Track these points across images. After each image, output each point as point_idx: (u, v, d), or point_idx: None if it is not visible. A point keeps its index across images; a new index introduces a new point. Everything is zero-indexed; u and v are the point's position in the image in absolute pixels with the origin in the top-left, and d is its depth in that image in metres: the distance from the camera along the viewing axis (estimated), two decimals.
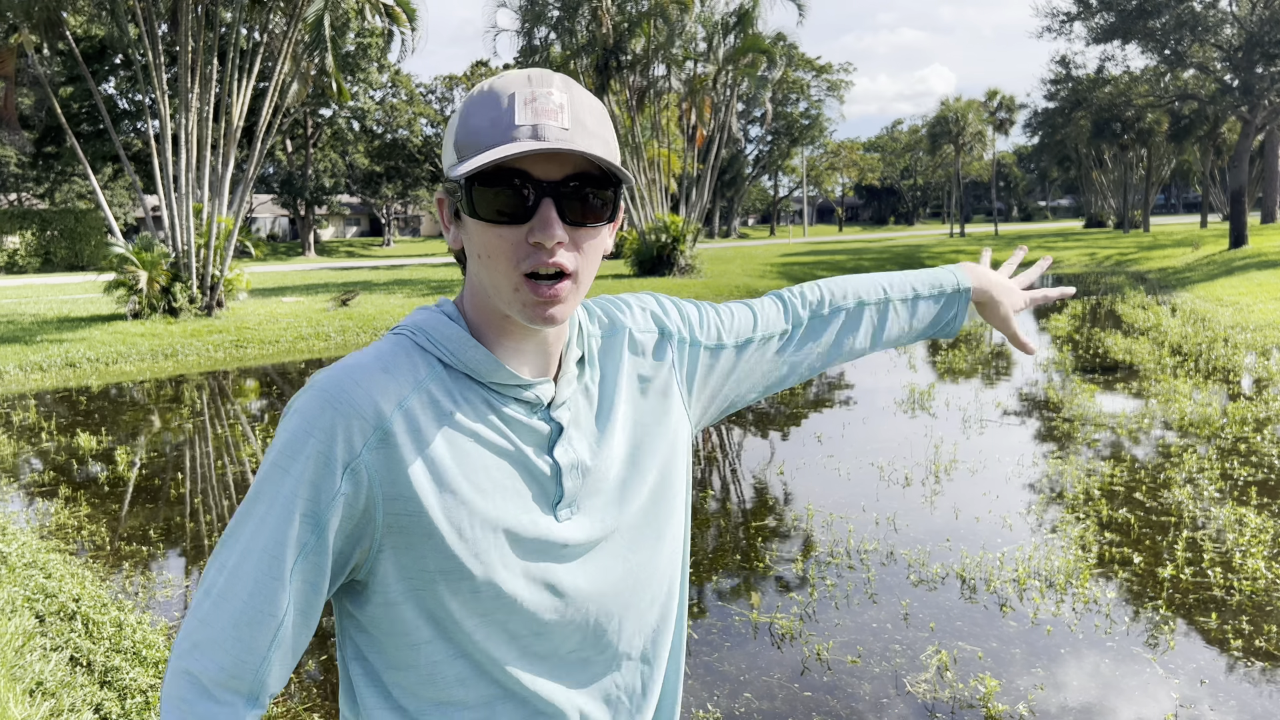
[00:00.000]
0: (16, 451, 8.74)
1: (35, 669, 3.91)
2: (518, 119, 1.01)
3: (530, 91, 1.02)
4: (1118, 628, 4.43)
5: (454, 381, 1.10)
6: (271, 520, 1.03)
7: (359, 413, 1.03)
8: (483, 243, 1.05)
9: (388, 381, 1.05)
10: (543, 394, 1.12)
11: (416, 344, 1.11)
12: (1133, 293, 21.98)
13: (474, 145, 1.02)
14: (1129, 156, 62.34)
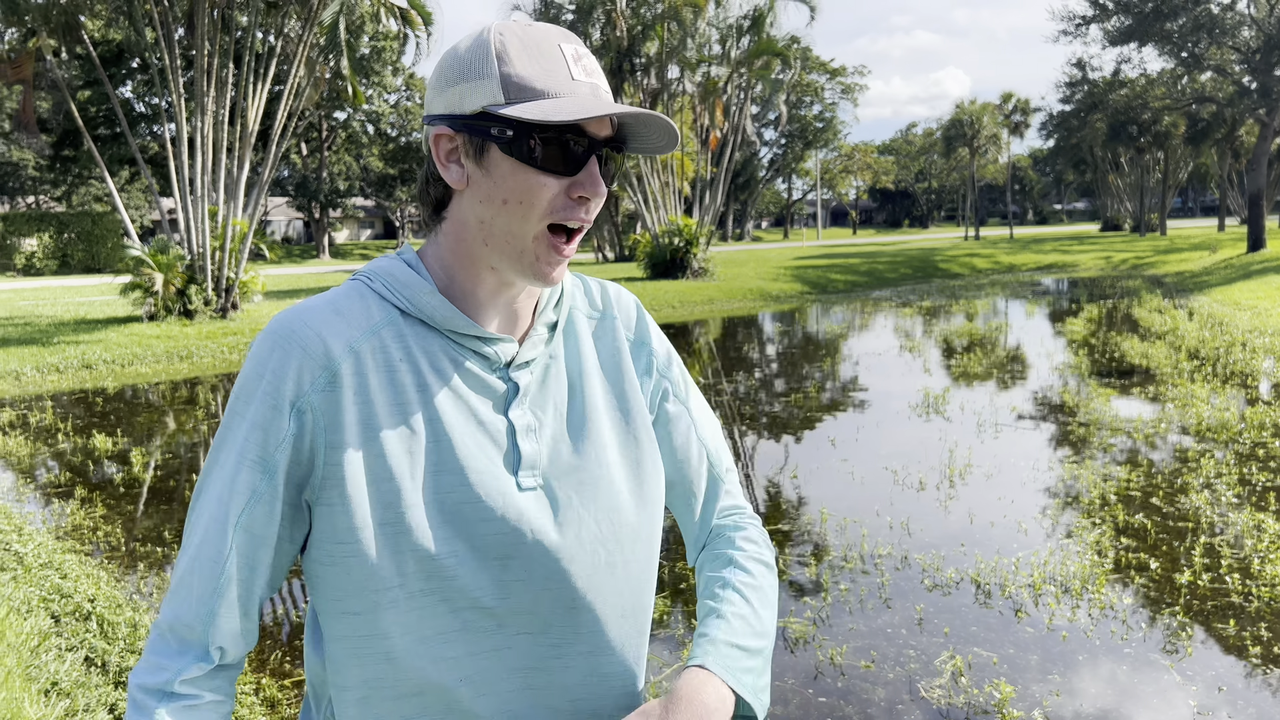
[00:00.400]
0: (33, 452, 8.80)
1: (51, 669, 3.92)
2: (575, 74, 1.02)
3: (574, 49, 1.04)
4: (1134, 634, 4.40)
5: (410, 329, 1.07)
6: (226, 467, 1.03)
7: (308, 352, 1.02)
8: (519, 189, 1.03)
9: (339, 323, 1.04)
10: (503, 351, 1.10)
11: (373, 289, 1.09)
12: (1149, 296, 21.86)
13: (530, 90, 1.01)
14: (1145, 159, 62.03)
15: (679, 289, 24.79)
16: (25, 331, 17.02)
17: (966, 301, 22.91)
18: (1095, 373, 11.64)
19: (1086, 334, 15.46)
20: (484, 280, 1.09)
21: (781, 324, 19.99)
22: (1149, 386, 10.60)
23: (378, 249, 63.51)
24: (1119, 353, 13.19)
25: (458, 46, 1.07)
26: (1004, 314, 20.29)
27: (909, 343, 15.41)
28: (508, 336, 1.11)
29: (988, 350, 14.15)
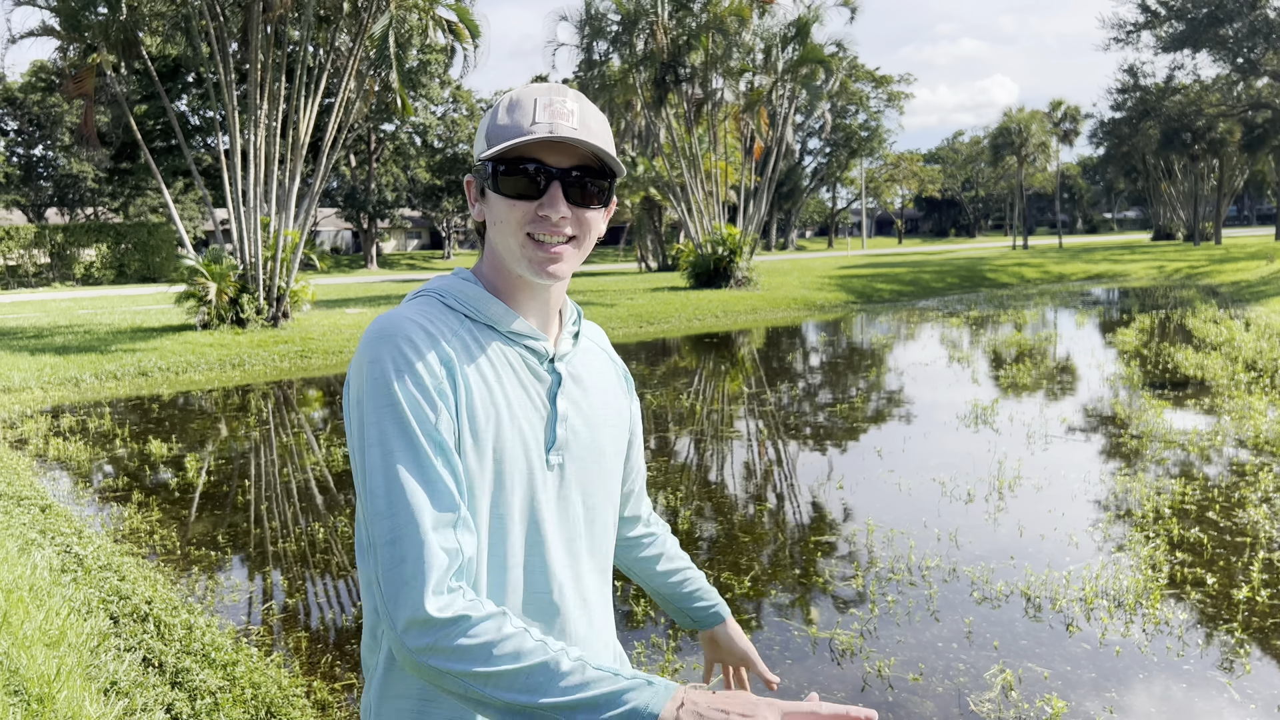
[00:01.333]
0: (92, 457, 9.01)
1: (110, 669, 4.02)
2: (537, 117, 1.29)
3: (549, 98, 1.30)
4: (1190, 650, 4.31)
5: (479, 332, 1.34)
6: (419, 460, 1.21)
7: (434, 346, 1.26)
8: (499, 214, 1.31)
9: (439, 323, 1.30)
10: (547, 347, 1.38)
11: (444, 303, 1.35)
12: (1204, 306, 21.42)
13: (500, 137, 1.29)
14: (1200, 167, 60.85)
15: (722, 298, 24.76)
16: (84, 339, 17.44)
17: (1015, 311, 22.62)
18: (1148, 384, 11.44)
19: (1138, 344, 15.19)
20: (518, 285, 1.37)
21: (826, 334, 19.88)
22: (1204, 398, 10.39)
23: (424, 259, 64.18)
24: (1172, 364, 12.94)
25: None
26: (1053, 324, 20.00)
27: (956, 353, 15.25)
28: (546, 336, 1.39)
29: (1037, 361, 13.96)
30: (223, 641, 4.44)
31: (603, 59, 28.55)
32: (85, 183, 51.70)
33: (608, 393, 1.48)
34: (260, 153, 18.22)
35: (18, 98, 49.42)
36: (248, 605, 5.27)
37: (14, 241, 42.52)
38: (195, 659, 4.21)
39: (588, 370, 1.45)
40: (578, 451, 1.38)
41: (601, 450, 1.43)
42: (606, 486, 1.45)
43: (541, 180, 1.29)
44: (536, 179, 1.29)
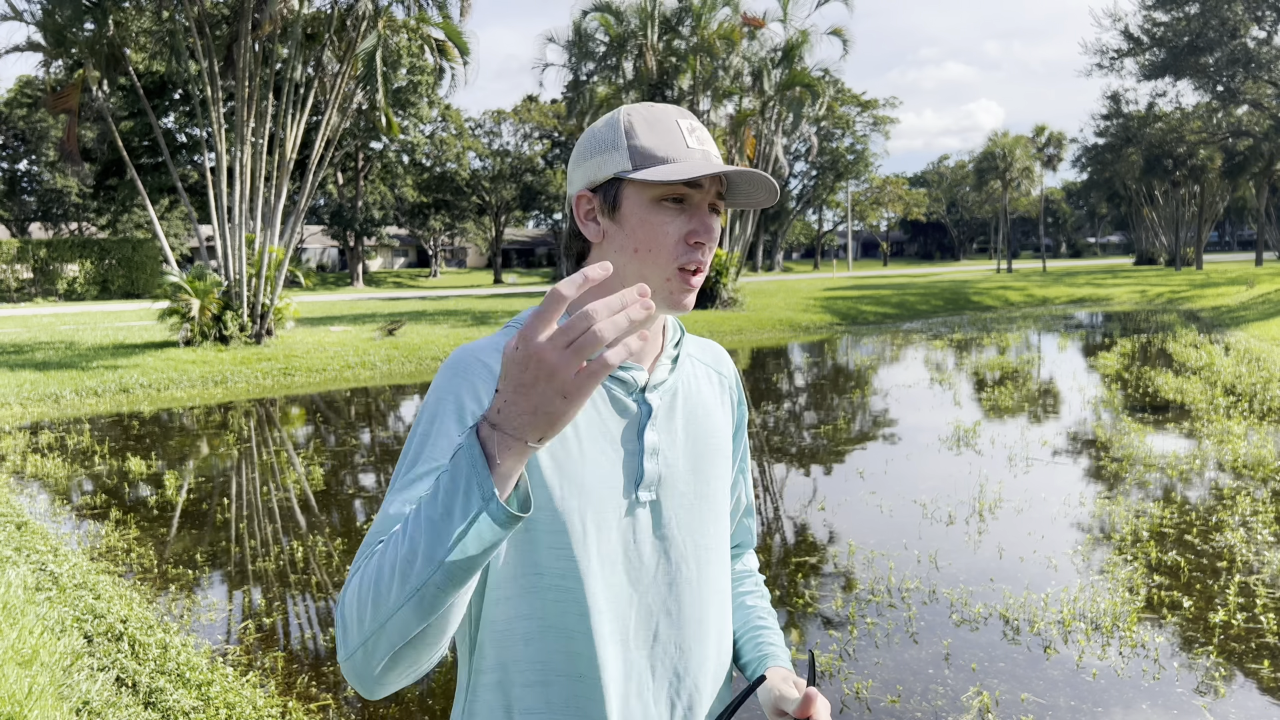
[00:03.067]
0: (70, 474, 8.94)
1: (82, 689, 3.98)
2: (689, 142, 1.24)
3: (689, 124, 1.26)
4: (1167, 674, 4.33)
5: None
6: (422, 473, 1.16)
7: (483, 374, 1.21)
8: (647, 237, 1.23)
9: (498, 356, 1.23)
10: (638, 377, 1.28)
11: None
12: (1184, 331, 21.60)
13: (653, 158, 1.22)
14: (1181, 193, 61.50)
15: (708, 319, 24.82)
16: (65, 355, 17.32)
17: (998, 334, 22.75)
18: (1129, 408, 11.51)
19: (1120, 368, 15.30)
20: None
21: (811, 355, 19.94)
22: (1184, 422, 10.46)
23: (410, 277, 64.12)
24: (1153, 388, 13.03)
25: (595, 127, 1.30)
26: (1036, 347, 20.13)
27: (940, 375, 15.32)
28: (640, 367, 1.30)
29: (1019, 384, 14.03)
30: (198, 661, 4.41)
31: (591, 80, 28.70)
32: (70, 198, 51.52)
33: (711, 416, 1.37)
34: (246, 169, 18.21)
35: (3, 112, 49.28)
36: (225, 625, 5.23)
37: None
38: (169, 679, 4.17)
39: (693, 395, 1.36)
40: (680, 487, 1.30)
41: (716, 484, 1.35)
42: (721, 523, 1.35)
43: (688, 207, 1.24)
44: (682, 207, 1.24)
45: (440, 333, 21.48)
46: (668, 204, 1.23)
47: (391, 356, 17.80)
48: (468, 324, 24.06)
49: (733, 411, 1.46)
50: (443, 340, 19.83)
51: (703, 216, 1.24)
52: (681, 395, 1.34)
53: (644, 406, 1.28)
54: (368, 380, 15.96)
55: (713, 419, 1.37)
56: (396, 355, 17.94)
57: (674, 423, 1.31)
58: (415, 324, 23.66)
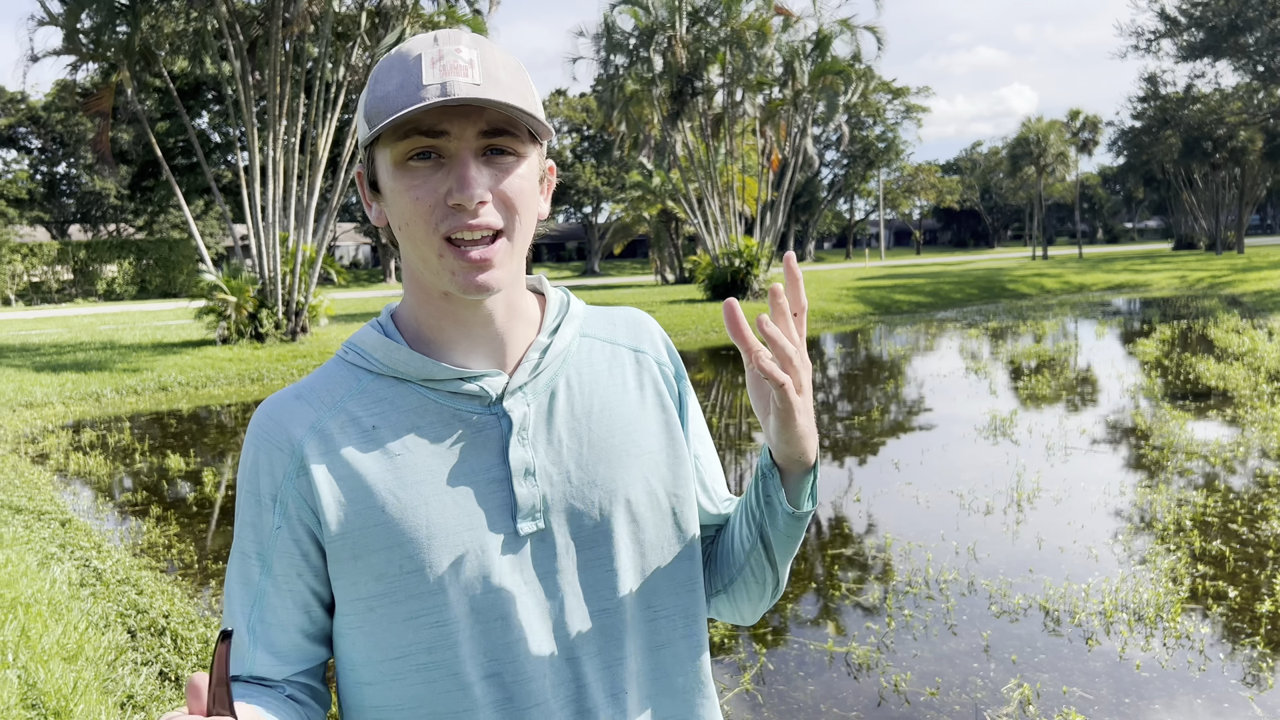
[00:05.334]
0: (112, 472, 9.08)
1: (126, 682, 4.04)
2: (425, 78, 0.95)
3: (437, 50, 0.97)
4: (1212, 665, 4.26)
5: (387, 390, 1.04)
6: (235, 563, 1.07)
7: (275, 444, 1.03)
8: (399, 211, 0.99)
9: (299, 408, 1.04)
10: (491, 386, 1.04)
11: (346, 361, 1.08)
12: (1226, 316, 21.22)
13: (384, 111, 0.96)
14: (1221, 176, 60.44)
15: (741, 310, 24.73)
16: (105, 355, 17.60)
17: (1034, 322, 22.48)
18: (1169, 395, 11.33)
19: (1159, 355, 15.06)
20: (445, 312, 1.05)
21: (844, 345, 19.82)
22: (1226, 409, 10.28)
23: None
24: (1194, 374, 12.82)
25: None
26: (1073, 335, 19.87)
27: (975, 364, 15.16)
28: (494, 370, 1.06)
29: (1056, 372, 13.86)
30: None
31: (620, 73, 28.66)
32: (108, 200, 52.27)
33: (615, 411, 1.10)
34: (279, 169, 18.38)
35: (41, 116, 50.09)
36: None
37: (38, 258, 43.03)
38: None
39: (577, 390, 1.09)
40: (578, 505, 1.05)
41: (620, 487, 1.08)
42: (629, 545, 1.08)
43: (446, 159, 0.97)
44: (441, 159, 0.97)
45: None
46: (415, 162, 0.97)
47: None
48: None
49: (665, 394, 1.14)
50: None
51: (460, 168, 0.96)
52: (565, 393, 1.08)
53: (504, 420, 1.04)
54: None
55: (620, 413, 1.10)
56: None
57: (554, 430, 1.06)
58: None
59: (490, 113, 0.97)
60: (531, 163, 1.02)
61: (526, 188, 1.01)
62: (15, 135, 51.17)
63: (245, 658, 1.04)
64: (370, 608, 1.01)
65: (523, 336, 1.08)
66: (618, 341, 1.15)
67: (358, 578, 1.01)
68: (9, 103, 50.02)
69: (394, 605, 1.00)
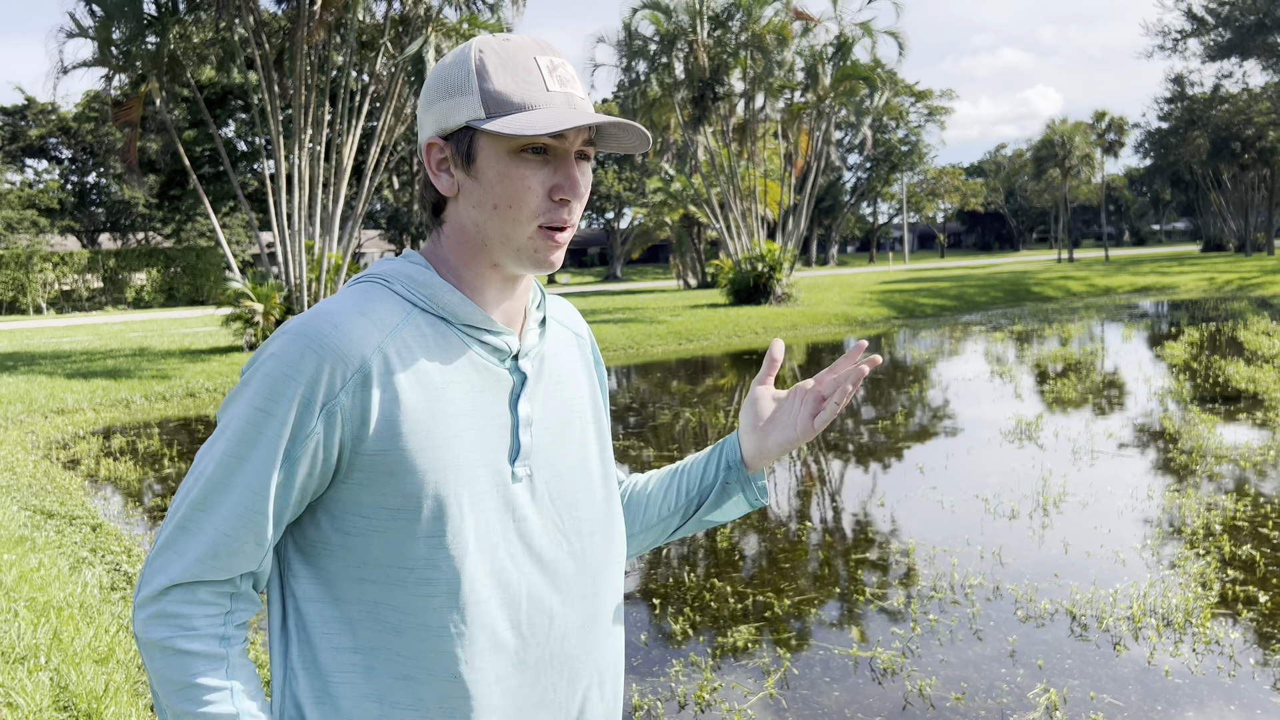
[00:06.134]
0: (141, 477, 9.19)
1: None
2: (549, 84, 1.11)
3: (549, 61, 1.12)
4: (1243, 671, 4.21)
5: (430, 327, 1.14)
6: (253, 463, 1.07)
7: (341, 356, 1.07)
8: (505, 193, 1.12)
9: (367, 325, 1.09)
10: (510, 343, 1.18)
11: (391, 290, 1.15)
12: (1255, 318, 20.97)
13: (509, 104, 1.10)
14: (1250, 176, 59.74)
15: (762, 315, 24.71)
16: (135, 362, 17.81)
17: (1060, 325, 22.31)
18: (1198, 398, 11.21)
19: (1188, 358, 14.91)
20: (490, 277, 1.18)
21: (867, 349, 19.72)
22: (1256, 412, 10.17)
23: None
24: (1223, 377, 12.68)
25: (444, 63, 1.16)
26: (1099, 338, 19.70)
27: (1000, 368, 15.07)
28: (512, 331, 1.20)
29: (1082, 375, 13.75)
30: (265, 659, 4.50)
31: (643, 79, 28.71)
32: (136, 208, 52.91)
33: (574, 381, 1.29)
34: (304, 176, 18.55)
35: (71, 126, 50.79)
36: None
37: (68, 266, 43.61)
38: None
39: (556, 361, 1.26)
40: (549, 458, 1.21)
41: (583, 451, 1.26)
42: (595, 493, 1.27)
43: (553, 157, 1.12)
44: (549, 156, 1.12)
45: None
46: (529, 155, 1.11)
47: None
48: None
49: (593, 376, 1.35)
50: None
51: (568, 169, 1.12)
52: (548, 361, 1.25)
53: (517, 375, 1.19)
54: None
55: (576, 384, 1.29)
56: None
57: (540, 390, 1.22)
58: None
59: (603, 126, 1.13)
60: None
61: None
62: (46, 146, 51.97)
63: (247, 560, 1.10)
64: (393, 517, 1.10)
65: (522, 304, 1.24)
66: (565, 324, 1.33)
67: (388, 490, 1.09)
68: (40, 113, 50.80)
69: (414, 521, 1.10)
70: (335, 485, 1.11)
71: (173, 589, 1.09)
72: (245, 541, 1.09)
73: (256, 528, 1.08)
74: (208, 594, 1.10)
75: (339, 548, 1.12)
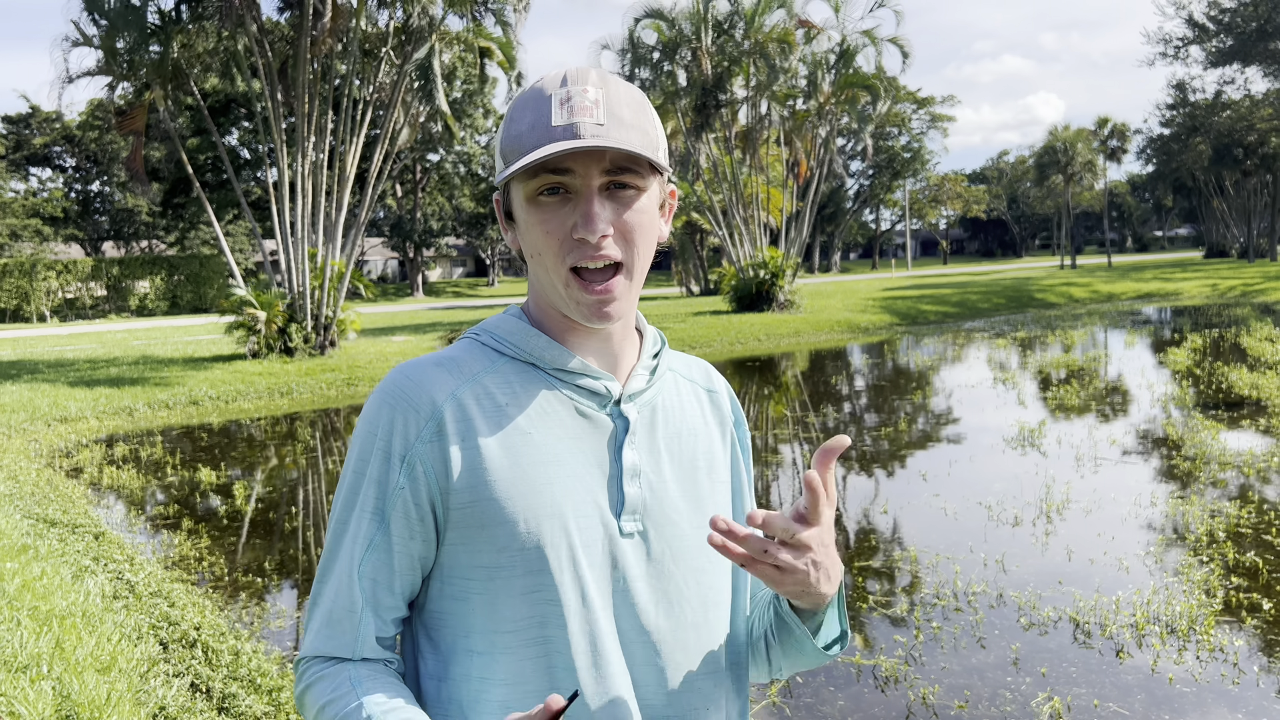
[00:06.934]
0: (144, 485, 9.19)
1: (159, 694, 4.08)
2: (554, 119, 1.03)
3: (566, 91, 1.05)
4: (1247, 678, 4.20)
5: (517, 374, 1.11)
6: (349, 521, 1.09)
7: (413, 405, 1.07)
8: (532, 241, 1.08)
9: (440, 374, 1.09)
10: (611, 387, 1.12)
11: (480, 342, 1.15)
12: (1259, 325, 20.94)
13: (517, 150, 1.05)
14: (1252, 182, 59.71)
15: (765, 321, 24.70)
16: (138, 370, 17.83)
17: (1063, 332, 22.29)
18: (1201, 405, 11.19)
19: (1191, 364, 14.89)
20: (568, 326, 1.13)
21: (870, 356, 19.73)
22: (1260, 419, 10.15)
23: (469, 287, 64.85)
24: (1226, 384, 12.66)
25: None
26: (1102, 344, 19.68)
27: (1003, 375, 15.05)
28: (609, 375, 1.13)
29: (1086, 382, 13.73)
30: (268, 667, 4.50)
31: (646, 86, 28.76)
32: (140, 217, 53.04)
33: (698, 436, 1.19)
34: (307, 184, 18.58)
35: (76, 135, 50.95)
36: (294, 631, 5.33)
37: (72, 275, 43.70)
38: (242, 684, 4.27)
39: (674, 412, 1.18)
40: (668, 515, 1.12)
41: (702, 514, 1.16)
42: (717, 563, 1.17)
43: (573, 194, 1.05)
44: (568, 194, 1.05)
45: None
46: (545, 198, 1.05)
47: None
48: None
49: (729, 434, 1.26)
50: None
51: (584, 205, 1.04)
52: (662, 411, 1.17)
53: (619, 421, 1.12)
54: None
55: (701, 440, 1.20)
56: None
57: (655, 441, 1.14)
58: None
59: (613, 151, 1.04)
60: (652, 193, 1.09)
61: (645, 220, 1.08)
62: (50, 154, 52.13)
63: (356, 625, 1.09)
64: (490, 576, 1.06)
65: (630, 354, 1.17)
66: (695, 380, 1.26)
67: (481, 546, 1.06)
68: (44, 122, 50.97)
69: (512, 578, 1.06)
70: (440, 550, 1.09)
71: (304, 661, 1.12)
72: (353, 612, 1.08)
73: (360, 596, 1.08)
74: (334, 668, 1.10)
75: (448, 615, 1.10)
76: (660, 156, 1.07)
